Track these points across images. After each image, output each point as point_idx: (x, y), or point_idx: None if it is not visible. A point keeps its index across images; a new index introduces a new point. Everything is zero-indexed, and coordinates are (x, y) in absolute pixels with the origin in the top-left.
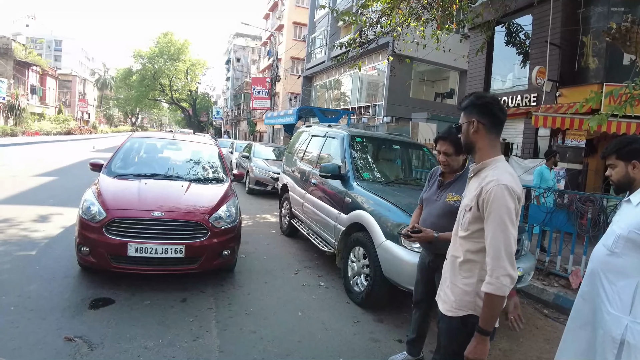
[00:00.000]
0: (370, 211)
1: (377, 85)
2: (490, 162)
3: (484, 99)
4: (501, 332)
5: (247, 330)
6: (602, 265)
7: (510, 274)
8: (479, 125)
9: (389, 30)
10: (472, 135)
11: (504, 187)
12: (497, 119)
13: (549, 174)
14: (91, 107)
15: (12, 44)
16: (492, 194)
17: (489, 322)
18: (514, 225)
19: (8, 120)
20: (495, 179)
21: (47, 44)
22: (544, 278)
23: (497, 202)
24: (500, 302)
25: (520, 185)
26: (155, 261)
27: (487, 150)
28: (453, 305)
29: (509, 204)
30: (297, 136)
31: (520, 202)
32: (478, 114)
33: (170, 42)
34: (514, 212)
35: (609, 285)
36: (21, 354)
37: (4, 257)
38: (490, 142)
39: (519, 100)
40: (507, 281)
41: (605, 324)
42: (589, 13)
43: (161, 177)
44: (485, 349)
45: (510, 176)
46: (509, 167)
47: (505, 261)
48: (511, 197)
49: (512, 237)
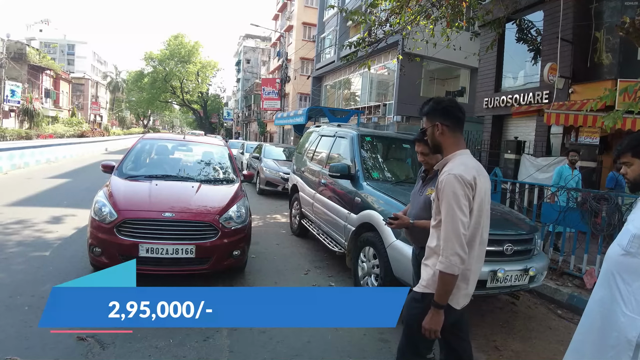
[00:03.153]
0: (380, 211)
1: (387, 85)
2: (452, 156)
3: (444, 103)
4: (514, 333)
5: (256, 330)
6: (617, 266)
7: (457, 253)
8: (443, 127)
9: (399, 29)
10: (438, 137)
11: (453, 176)
12: (458, 119)
13: (569, 173)
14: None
15: (26, 49)
16: (444, 184)
17: (442, 296)
18: (462, 209)
19: (23, 124)
20: (448, 170)
21: (61, 49)
22: (558, 278)
23: (447, 190)
24: (450, 279)
25: (474, 173)
26: (166, 261)
27: (452, 147)
28: (422, 283)
29: (456, 190)
30: (307, 136)
31: (475, 189)
32: (441, 117)
33: (181, 44)
34: (463, 198)
35: (624, 286)
36: (35, 353)
37: (19, 258)
38: (455, 140)
39: (531, 97)
40: (456, 260)
41: (620, 326)
42: (601, 8)
43: (172, 178)
44: (440, 320)
45: (463, 166)
46: (467, 158)
47: (453, 242)
48: (459, 184)
49: (459, 221)
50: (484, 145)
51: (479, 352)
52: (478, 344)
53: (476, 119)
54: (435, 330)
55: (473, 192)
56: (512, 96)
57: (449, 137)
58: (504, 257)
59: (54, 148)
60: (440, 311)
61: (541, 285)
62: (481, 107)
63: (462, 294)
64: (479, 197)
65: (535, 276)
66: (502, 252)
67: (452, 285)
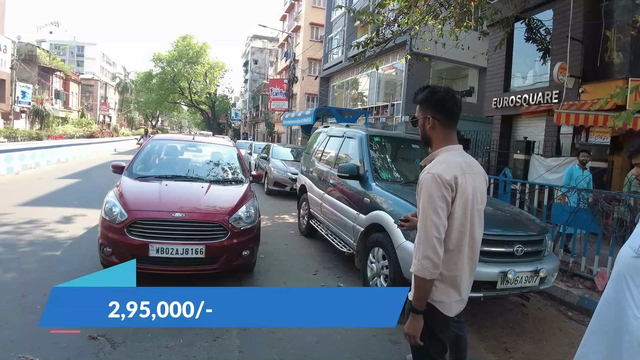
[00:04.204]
0: (389, 211)
1: (395, 85)
2: (437, 152)
3: (438, 95)
4: (524, 334)
5: (266, 330)
6: (628, 268)
7: (428, 256)
8: (434, 121)
9: (406, 29)
10: (429, 131)
11: (431, 175)
12: (452, 113)
13: (579, 173)
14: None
15: (36, 51)
16: (422, 183)
17: (417, 301)
18: (437, 211)
19: (34, 125)
20: (427, 169)
21: (70, 50)
22: (568, 279)
23: (423, 190)
24: (423, 283)
25: (455, 172)
26: (176, 261)
27: (441, 142)
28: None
29: (432, 190)
30: (315, 137)
31: (456, 189)
32: (433, 110)
33: (189, 45)
34: (439, 199)
35: (636, 288)
36: (46, 352)
37: (31, 257)
38: (446, 135)
39: (540, 97)
40: (427, 264)
41: (632, 329)
42: (612, 6)
43: (181, 179)
44: (418, 325)
45: (445, 164)
46: (452, 156)
47: (424, 245)
48: (436, 184)
49: (430, 223)
50: (493, 145)
51: (489, 353)
52: (488, 345)
53: (485, 119)
54: (413, 336)
55: (453, 192)
56: (521, 96)
57: (439, 132)
58: (514, 258)
59: (64, 148)
60: (418, 316)
61: (552, 286)
62: (490, 107)
63: (454, 301)
64: (462, 197)
65: (545, 277)
66: (513, 253)
67: (426, 289)
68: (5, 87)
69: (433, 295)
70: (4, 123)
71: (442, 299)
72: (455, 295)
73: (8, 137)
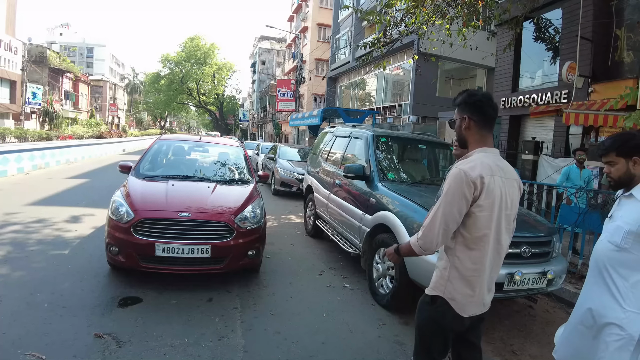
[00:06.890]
0: (395, 212)
1: (403, 85)
2: (472, 153)
3: (476, 97)
4: (531, 337)
5: (271, 330)
6: (610, 261)
7: (425, 241)
8: (470, 122)
9: (414, 29)
10: (464, 131)
11: (457, 170)
12: (488, 116)
13: (577, 173)
14: (121, 111)
15: (47, 52)
16: (448, 176)
17: (403, 250)
18: (452, 203)
19: (44, 125)
20: (457, 164)
21: (80, 52)
22: (577, 282)
23: (447, 181)
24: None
25: (483, 172)
26: (182, 261)
27: (476, 144)
28: (431, 285)
29: (453, 184)
30: (322, 137)
31: (482, 188)
32: (470, 112)
33: (197, 46)
34: (458, 194)
35: (621, 280)
36: (53, 349)
37: (39, 256)
38: (481, 137)
39: (549, 97)
40: (421, 244)
41: (621, 322)
42: (622, 5)
43: (188, 179)
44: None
45: (473, 163)
46: (484, 157)
47: (427, 229)
48: (459, 179)
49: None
50: (501, 146)
51: (496, 355)
52: (495, 347)
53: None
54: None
55: (477, 191)
56: (529, 96)
57: (474, 133)
58: (521, 260)
59: (74, 149)
60: (396, 255)
61: (560, 288)
62: (498, 108)
63: (469, 301)
64: (489, 198)
65: (553, 279)
66: (520, 255)
67: (411, 254)
68: (17, 88)
69: (447, 291)
70: (14, 124)
71: (455, 296)
72: (469, 294)
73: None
